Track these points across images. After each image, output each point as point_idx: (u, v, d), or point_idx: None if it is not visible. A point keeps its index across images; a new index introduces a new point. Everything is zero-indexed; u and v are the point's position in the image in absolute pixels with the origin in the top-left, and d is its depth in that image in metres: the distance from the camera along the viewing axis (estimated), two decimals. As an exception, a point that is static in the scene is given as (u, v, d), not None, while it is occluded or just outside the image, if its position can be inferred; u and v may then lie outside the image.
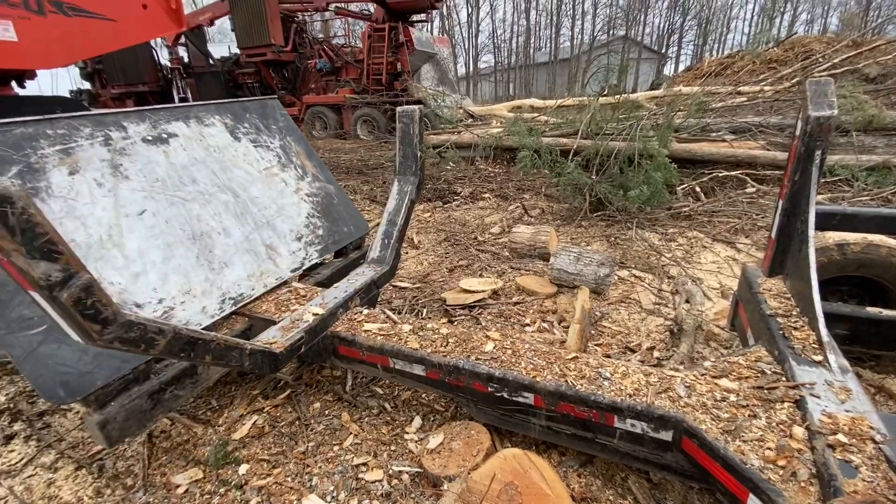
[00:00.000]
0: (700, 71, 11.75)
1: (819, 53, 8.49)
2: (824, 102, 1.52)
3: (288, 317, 1.61)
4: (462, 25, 42.67)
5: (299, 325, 1.53)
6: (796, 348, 1.30)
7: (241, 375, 2.00)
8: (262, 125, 2.35)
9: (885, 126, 4.32)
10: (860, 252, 1.82)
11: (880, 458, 0.98)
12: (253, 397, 1.86)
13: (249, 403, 1.83)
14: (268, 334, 1.51)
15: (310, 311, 1.61)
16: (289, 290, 1.87)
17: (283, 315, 1.67)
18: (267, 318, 1.69)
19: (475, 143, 6.55)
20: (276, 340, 1.46)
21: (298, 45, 12.72)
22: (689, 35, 45.79)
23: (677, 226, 3.58)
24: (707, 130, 4.96)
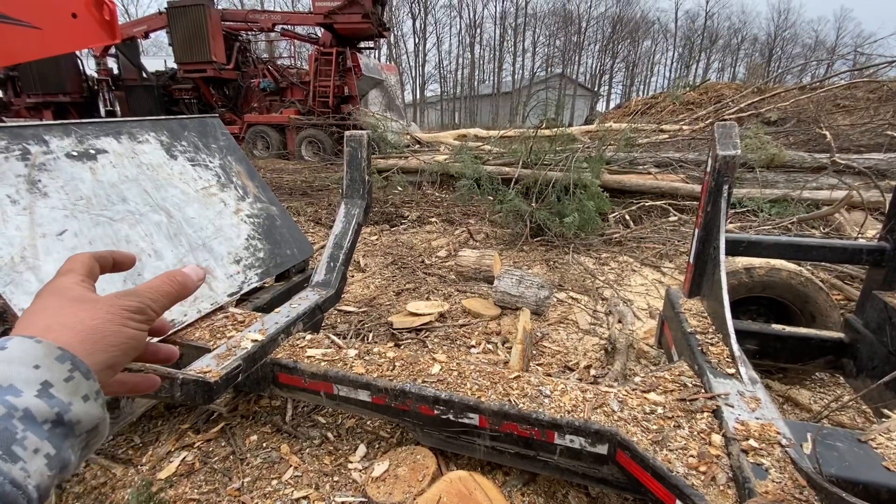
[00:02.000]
0: (628, 109, 12.81)
1: (729, 98, 9.57)
2: (730, 143, 1.73)
3: (224, 344, 1.53)
4: (409, 55, 43.79)
5: (236, 353, 1.46)
6: (713, 362, 1.43)
7: (169, 408, 1.86)
8: (202, 143, 2.27)
9: (784, 164, 4.92)
10: (765, 275, 2.05)
11: (787, 461, 1.09)
12: (182, 432, 1.73)
13: (178, 439, 1.70)
14: (201, 363, 1.43)
15: (248, 338, 1.54)
16: (225, 315, 1.78)
17: (219, 342, 1.58)
18: (200, 345, 1.59)
19: (422, 168, 6.66)
20: (211, 369, 1.38)
21: (241, 64, 12.42)
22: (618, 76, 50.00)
23: (609, 251, 3.83)
24: (635, 163, 5.40)
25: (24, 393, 0.33)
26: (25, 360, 0.35)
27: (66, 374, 0.36)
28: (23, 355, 0.35)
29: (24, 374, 0.34)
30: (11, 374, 0.34)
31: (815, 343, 1.83)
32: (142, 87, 12.40)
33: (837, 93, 8.14)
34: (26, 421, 0.33)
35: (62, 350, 0.37)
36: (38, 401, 0.34)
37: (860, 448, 1.18)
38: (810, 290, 1.99)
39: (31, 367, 0.35)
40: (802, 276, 2.00)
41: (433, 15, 44.01)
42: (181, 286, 0.52)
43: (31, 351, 0.35)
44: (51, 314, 0.41)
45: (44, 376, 0.35)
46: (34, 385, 0.34)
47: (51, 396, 0.34)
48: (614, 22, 46.78)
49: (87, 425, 0.37)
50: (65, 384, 0.36)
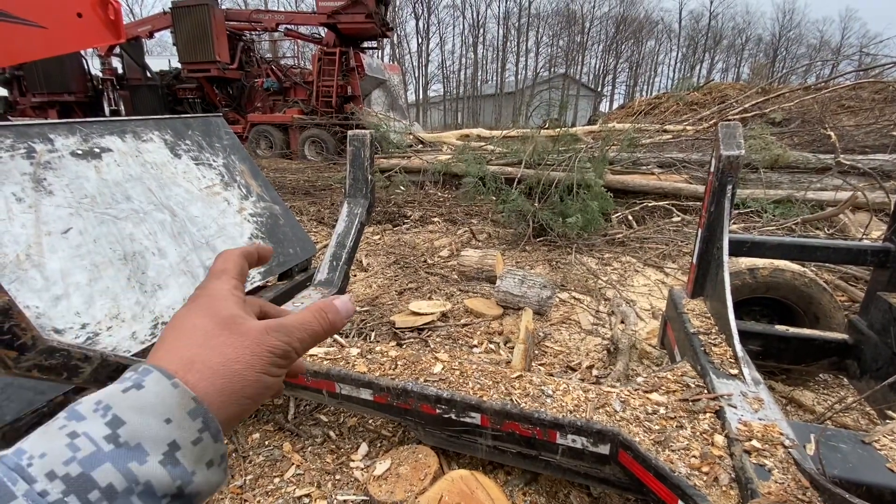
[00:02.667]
0: (631, 109, 12.78)
1: (733, 98, 9.54)
2: (733, 143, 1.72)
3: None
4: (413, 55, 43.83)
5: (240, 350, 1.47)
6: (715, 363, 1.43)
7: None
8: (205, 143, 2.28)
9: (788, 164, 4.90)
10: (768, 276, 2.04)
11: (790, 462, 1.09)
12: (185, 430, 1.74)
13: (181, 436, 1.70)
14: (205, 360, 1.43)
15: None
16: (229, 313, 1.79)
17: (223, 340, 1.59)
18: (204, 343, 1.60)
19: (424, 168, 6.66)
20: (215, 367, 1.39)
21: (245, 64, 12.46)
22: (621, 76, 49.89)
23: (612, 251, 3.82)
24: (638, 164, 5.39)
25: (150, 457, 0.28)
26: (159, 411, 0.29)
27: (196, 434, 0.30)
28: (157, 403, 0.29)
29: (154, 430, 0.29)
30: (142, 430, 0.28)
31: (819, 344, 1.82)
32: (146, 87, 12.46)
33: (842, 93, 8.10)
34: (146, 497, 0.27)
35: (197, 403, 0.31)
36: (162, 470, 0.28)
37: (864, 450, 1.17)
38: (814, 291, 1.98)
39: (163, 421, 0.29)
40: (806, 276, 1.99)
41: (436, 15, 44.05)
42: (330, 325, 0.43)
43: (167, 398, 0.30)
44: (198, 341, 0.35)
45: (173, 435, 0.29)
46: (161, 447, 0.29)
47: (176, 463, 0.29)
48: (618, 22, 46.68)
49: (207, 494, 0.31)
50: (192, 447, 0.30)
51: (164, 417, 0.29)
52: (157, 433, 0.29)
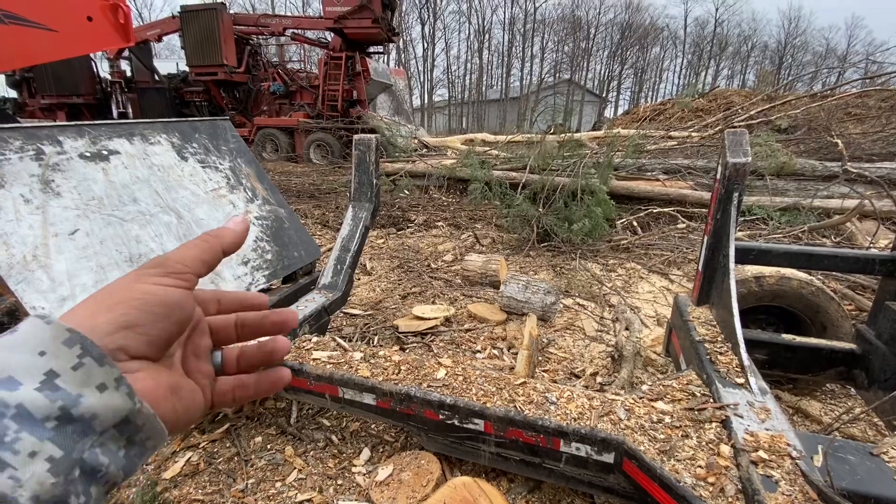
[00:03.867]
0: (636, 115, 12.77)
1: (738, 105, 9.52)
2: (740, 150, 1.71)
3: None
4: (418, 59, 44.06)
5: (244, 353, 1.47)
6: (721, 372, 1.41)
7: (176, 408, 1.87)
8: (212, 146, 2.29)
9: (794, 172, 4.88)
10: (775, 284, 2.02)
11: (797, 473, 1.07)
12: (188, 432, 1.74)
13: (183, 439, 1.70)
14: (209, 363, 1.43)
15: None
16: (233, 316, 1.79)
17: (227, 343, 1.59)
18: (208, 345, 1.60)
19: (429, 172, 6.67)
20: (218, 369, 1.39)
21: (252, 67, 12.56)
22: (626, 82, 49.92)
23: (617, 257, 3.81)
24: (643, 170, 5.37)
25: (23, 385, 0.28)
26: (31, 346, 0.30)
27: (75, 360, 0.30)
28: (29, 339, 0.30)
29: (26, 361, 0.29)
30: (12, 363, 0.29)
31: (826, 354, 1.80)
32: (154, 90, 12.58)
33: (849, 101, 8.07)
34: (21, 419, 0.27)
35: (71, 332, 0.30)
36: (38, 394, 0.28)
37: (872, 461, 1.15)
38: (821, 300, 1.96)
39: (36, 354, 0.29)
40: (813, 285, 1.97)
41: (442, 20, 44.29)
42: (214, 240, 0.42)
43: (39, 334, 0.30)
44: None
45: (49, 364, 0.29)
46: (37, 376, 0.29)
47: (55, 388, 0.29)
48: (623, 28, 46.78)
49: (111, 419, 0.31)
50: (72, 373, 0.30)
51: (38, 350, 0.29)
52: (30, 364, 0.29)
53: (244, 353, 0.46)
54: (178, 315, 0.38)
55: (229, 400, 0.45)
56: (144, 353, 0.35)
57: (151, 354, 0.36)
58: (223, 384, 0.45)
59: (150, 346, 0.36)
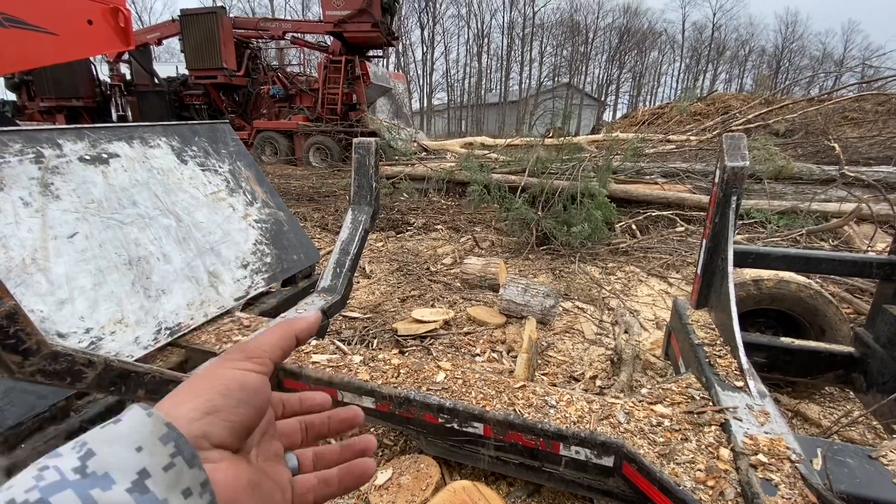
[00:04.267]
0: (635, 119, 12.82)
1: (736, 109, 9.56)
2: (738, 154, 1.72)
3: (229, 348, 1.54)
4: (417, 63, 44.20)
5: (243, 357, 1.46)
6: (721, 375, 1.41)
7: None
8: (212, 149, 2.29)
9: (792, 175, 4.90)
10: (774, 287, 2.03)
11: (796, 476, 1.07)
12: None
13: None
14: (208, 366, 1.43)
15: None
16: (231, 319, 1.79)
17: (224, 347, 1.59)
18: (206, 349, 1.60)
19: (429, 175, 6.68)
20: (217, 373, 1.38)
21: (252, 71, 12.59)
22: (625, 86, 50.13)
23: (616, 260, 3.81)
24: (642, 173, 5.39)
25: (116, 486, 0.27)
26: (131, 440, 0.29)
27: (167, 459, 0.29)
28: (130, 432, 0.29)
29: (123, 458, 0.28)
30: (110, 459, 0.28)
31: (825, 357, 1.80)
32: (153, 93, 12.60)
33: (846, 105, 8.11)
34: None
35: (168, 427, 0.30)
36: (128, 496, 0.27)
37: (871, 465, 1.16)
38: (820, 304, 1.97)
39: (133, 450, 0.29)
40: (812, 288, 1.98)
41: (441, 24, 44.47)
42: (290, 329, 0.45)
43: (140, 427, 0.29)
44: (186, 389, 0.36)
45: (143, 462, 0.28)
46: (130, 475, 0.28)
47: (144, 490, 0.28)
48: (621, 33, 46.99)
49: None
50: (163, 473, 0.29)
51: (136, 446, 0.29)
52: (127, 461, 0.28)
53: (322, 456, 0.46)
54: (257, 400, 0.38)
55: (310, 500, 0.43)
56: (226, 440, 0.35)
57: (233, 443, 0.36)
58: (303, 484, 0.43)
59: (232, 433, 0.35)
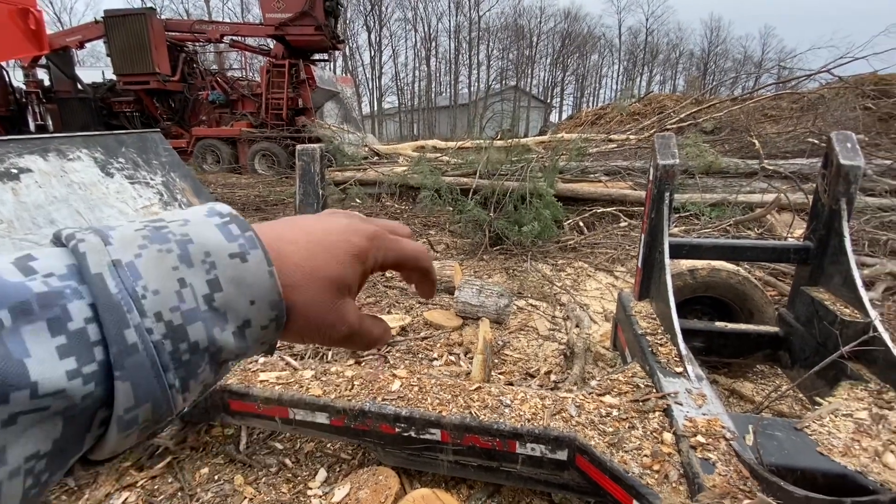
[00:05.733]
0: (579, 120, 13.33)
1: (671, 109, 10.16)
2: (668, 153, 1.83)
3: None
4: (366, 67, 43.73)
5: (183, 380, 1.38)
6: (662, 362, 1.49)
7: (110, 445, 1.72)
8: (142, 160, 2.15)
9: (721, 170, 5.26)
10: (707, 276, 2.16)
11: (731, 454, 1.15)
12: (123, 471, 1.61)
13: (118, 479, 1.57)
14: (143, 394, 1.34)
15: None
16: (171, 341, 1.68)
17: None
18: (143, 374, 1.49)
19: (380, 180, 6.62)
20: (154, 400, 1.30)
21: (188, 75, 11.96)
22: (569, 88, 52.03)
23: (565, 257, 3.94)
24: (586, 172, 5.61)
25: (228, 327, 0.30)
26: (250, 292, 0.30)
27: (266, 321, 0.32)
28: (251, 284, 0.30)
29: (241, 306, 0.30)
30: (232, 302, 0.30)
31: (754, 338, 1.95)
32: (76, 100, 11.67)
33: (765, 103, 8.82)
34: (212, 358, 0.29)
35: (279, 297, 0.32)
36: (232, 340, 0.30)
37: (797, 436, 1.26)
38: (747, 289, 2.12)
39: (248, 302, 0.30)
40: (740, 275, 2.13)
41: (388, 28, 44.25)
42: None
43: (260, 284, 0.31)
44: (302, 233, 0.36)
45: (250, 315, 0.31)
46: (239, 321, 0.30)
47: (242, 337, 0.31)
48: (563, 37, 48.75)
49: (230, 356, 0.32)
50: (259, 330, 0.31)
51: (251, 299, 0.31)
52: (240, 309, 0.30)
53: None
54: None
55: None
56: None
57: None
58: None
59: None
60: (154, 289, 0.27)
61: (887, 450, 1.14)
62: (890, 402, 1.30)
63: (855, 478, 1.10)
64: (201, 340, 0.28)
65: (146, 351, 0.25)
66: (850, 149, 1.65)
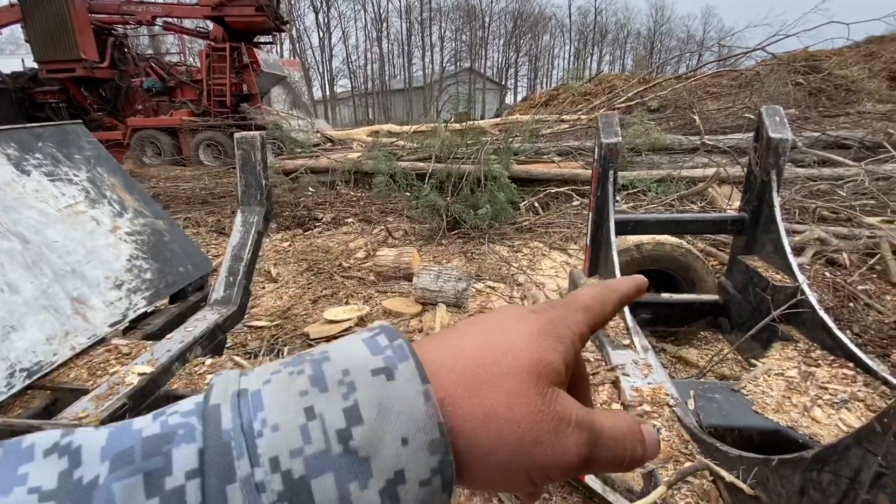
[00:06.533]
0: (533, 101, 13.44)
1: (619, 88, 10.42)
2: (612, 132, 1.86)
3: (105, 382, 1.35)
4: (315, 49, 42.11)
5: (119, 391, 1.30)
6: (611, 336, 1.54)
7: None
8: (62, 155, 1.98)
9: (666, 146, 5.47)
10: (652, 250, 2.25)
11: (674, 419, 1.21)
12: None
13: None
14: (76, 408, 1.25)
15: (134, 371, 1.38)
16: (107, 348, 1.58)
17: (100, 381, 1.40)
18: (77, 387, 1.40)
19: (334, 167, 6.44)
20: (88, 413, 1.21)
21: (118, 61, 11.08)
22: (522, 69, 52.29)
23: (522, 238, 4.00)
24: (540, 153, 5.68)
25: (372, 483, 0.21)
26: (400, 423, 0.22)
27: (427, 474, 0.22)
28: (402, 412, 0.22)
29: (388, 448, 0.22)
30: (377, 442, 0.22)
31: (697, 306, 2.05)
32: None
33: (707, 81, 9.21)
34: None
35: (441, 434, 0.23)
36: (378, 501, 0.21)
37: (734, 397, 1.34)
38: (690, 260, 2.23)
39: (400, 441, 0.22)
40: (683, 247, 2.23)
41: (336, 8, 42.67)
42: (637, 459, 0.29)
43: (413, 412, 0.22)
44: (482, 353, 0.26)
45: (402, 463, 0.22)
46: (388, 472, 0.22)
47: (395, 500, 0.22)
48: (515, 17, 48.74)
49: None
50: (417, 488, 0.22)
51: (402, 436, 0.22)
52: (389, 453, 0.22)
53: None
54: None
55: None
56: None
57: None
58: None
59: None
60: (274, 422, 0.21)
61: (815, 404, 1.23)
62: (817, 360, 1.41)
63: (786, 432, 1.18)
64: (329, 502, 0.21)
65: None
66: (778, 122, 1.74)
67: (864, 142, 4.91)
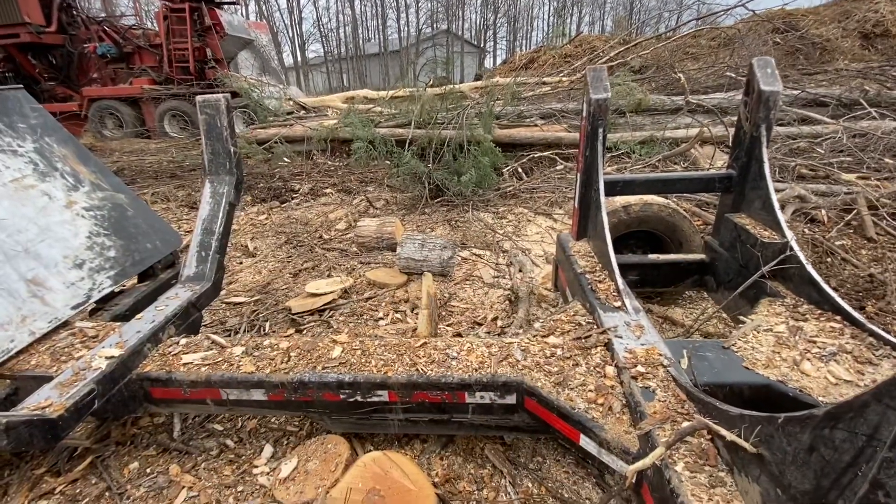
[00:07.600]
0: (513, 64, 13.09)
1: (600, 49, 10.19)
2: (601, 86, 1.78)
3: (69, 368, 1.26)
4: (283, 12, 39.92)
5: (86, 376, 1.21)
6: (601, 299, 1.51)
7: (17, 453, 1.53)
8: (3, 124, 1.79)
9: (649, 107, 5.38)
10: (639, 211, 2.21)
11: (669, 379, 1.19)
12: (37, 478, 1.44)
13: (32, 487, 1.41)
14: (38, 396, 1.16)
15: (101, 355, 1.29)
16: (70, 332, 1.47)
17: (64, 367, 1.30)
18: (39, 374, 1.30)
19: (309, 136, 6.19)
20: (52, 402, 1.13)
21: (67, 25, 10.24)
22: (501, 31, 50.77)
23: (506, 204, 3.93)
24: (522, 117, 5.54)
25: None
26: None
27: None
28: None
29: None
30: None
31: (683, 266, 2.04)
32: (-72, 60, 9.75)
33: (687, 41, 9.06)
34: None
35: None
36: None
37: (725, 354, 1.33)
38: (676, 220, 2.20)
39: None
40: (669, 207, 2.19)
41: (302, -34, 40.16)
42: None
43: None
44: None
45: None
46: None
47: None
48: (492, -26, 46.83)
49: None
50: None
51: None
52: None
53: None
54: None
55: None
56: None
57: None
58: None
59: None
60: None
61: (804, 358, 1.23)
62: (805, 315, 1.40)
63: (777, 387, 1.18)
64: None
65: None
66: (769, 74, 1.67)
67: (842, 99, 4.93)
